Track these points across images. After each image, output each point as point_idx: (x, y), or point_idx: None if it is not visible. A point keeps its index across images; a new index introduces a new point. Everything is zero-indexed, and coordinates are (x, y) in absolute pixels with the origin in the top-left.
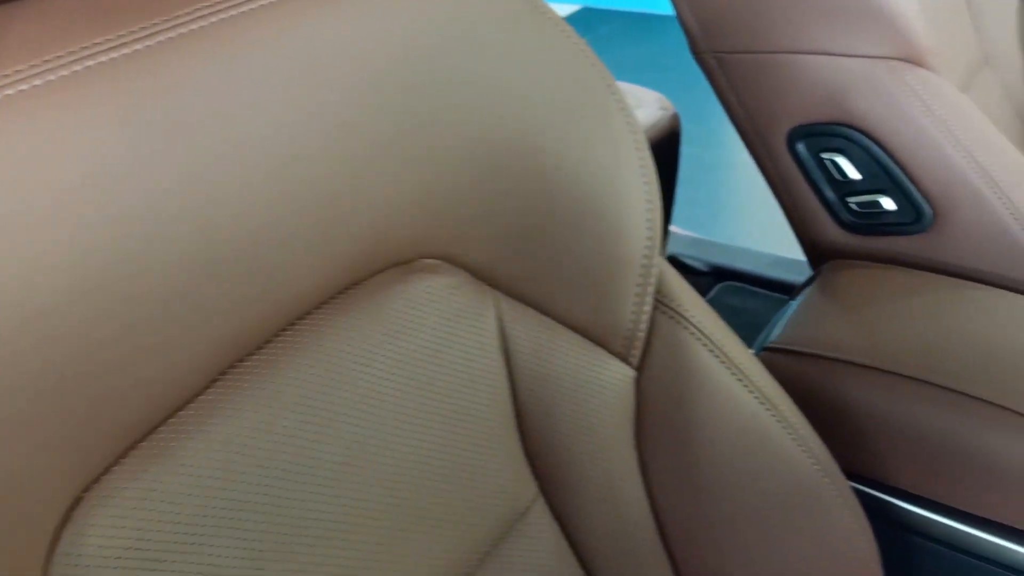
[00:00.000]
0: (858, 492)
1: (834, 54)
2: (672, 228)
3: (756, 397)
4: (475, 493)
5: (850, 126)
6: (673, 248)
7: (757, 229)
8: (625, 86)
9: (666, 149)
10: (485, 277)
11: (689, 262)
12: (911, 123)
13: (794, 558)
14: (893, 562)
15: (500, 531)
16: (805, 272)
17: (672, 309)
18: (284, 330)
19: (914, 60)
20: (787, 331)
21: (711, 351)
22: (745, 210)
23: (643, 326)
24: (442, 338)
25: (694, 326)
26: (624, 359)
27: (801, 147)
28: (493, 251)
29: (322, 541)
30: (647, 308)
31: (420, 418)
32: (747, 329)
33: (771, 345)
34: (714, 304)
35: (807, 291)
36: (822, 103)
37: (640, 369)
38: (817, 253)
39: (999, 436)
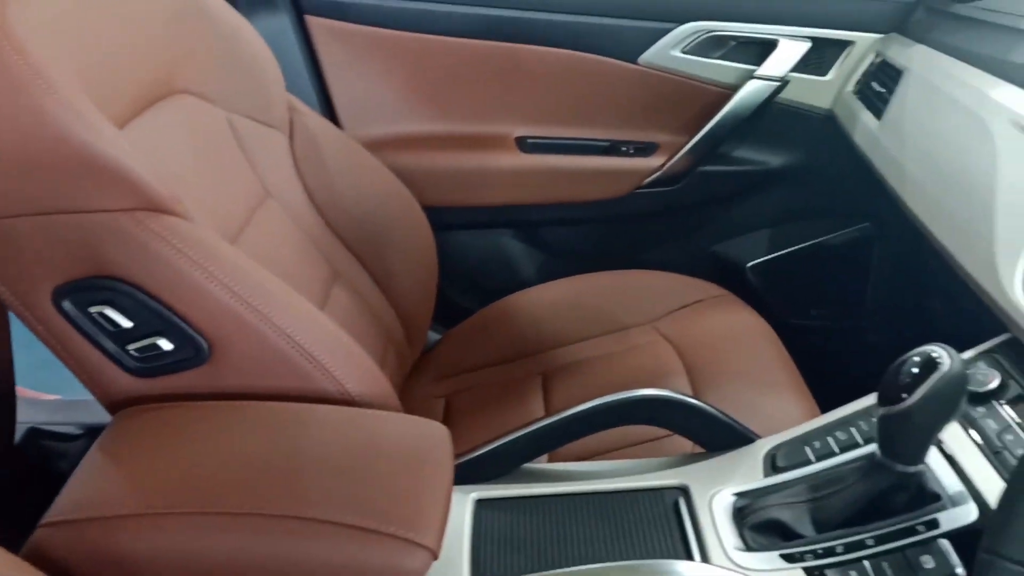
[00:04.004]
0: None
1: (74, 211)
2: (28, 393)
3: None
4: None
5: (110, 277)
6: (33, 416)
7: None
8: None
9: None
10: None
11: (58, 429)
12: (167, 267)
13: None
14: None
15: None
16: None
17: None
18: None
19: (159, 209)
20: (62, 500)
21: None
22: None
23: None
24: None
25: None
26: None
27: (68, 305)
28: None
29: None
30: None
31: None
32: None
33: (45, 521)
34: None
35: (89, 452)
36: (76, 260)
37: None
38: (114, 405)
39: (270, 544)
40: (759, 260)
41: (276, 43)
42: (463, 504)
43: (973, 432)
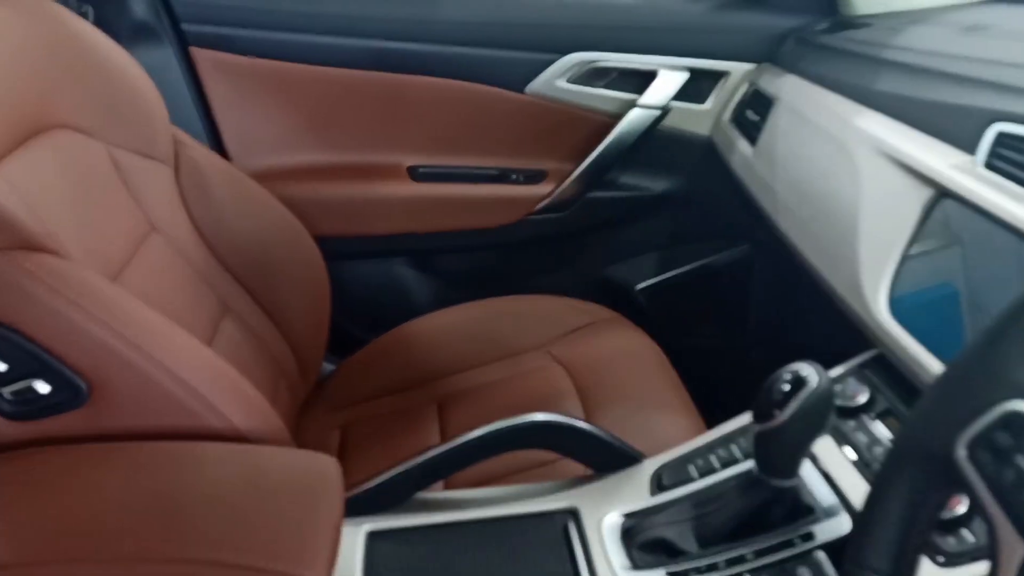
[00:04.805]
0: None
1: None
2: None
3: None
4: None
5: None
6: None
7: None
8: None
9: None
10: None
11: None
12: (42, 307)
13: None
14: None
15: None
16: None
17: None
18: None
19: (33, 247)
20: None
21: None
22: None
23: None
24: None
25: None
26: None
27: None
28: None
29: None
30: None
31: None
32: None
33: None
34: None
35: None
36: None
37: None
38: None
39: None
40: (647, 283)
41: (160, 75)
42: (355, 537)
43: (844, 445)
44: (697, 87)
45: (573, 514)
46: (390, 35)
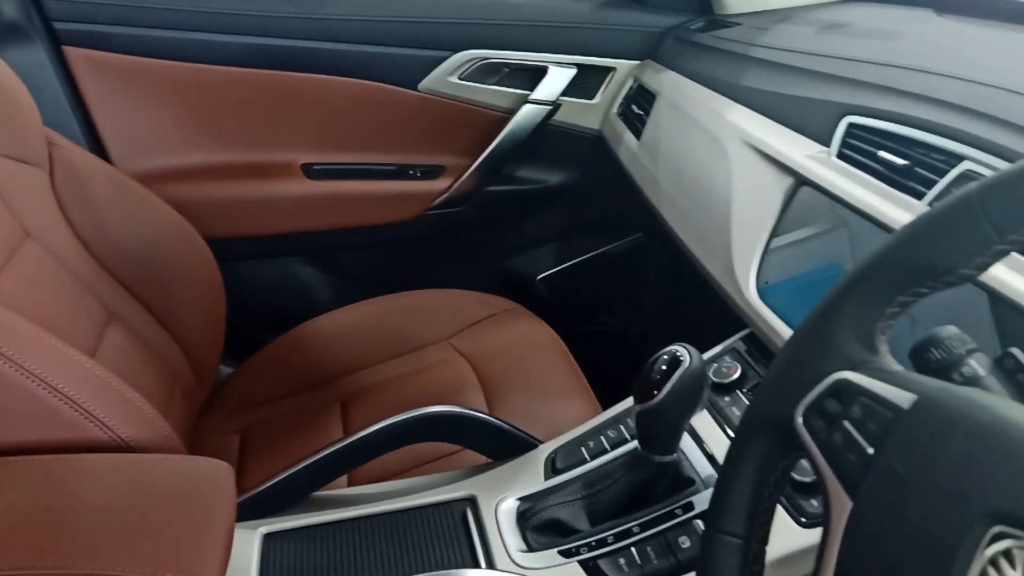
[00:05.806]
0: None
1: None
2: None
3: None
4: None
5: None
6: None
7: None
8: None
9: None
10: None
11: None
12: None
13: None
14: None
15: None
16: None
17: None
18: None
19: None
20: None
21: None
22: None
23: None
24: None
25: None
26: None
27: None
28: None
29: None
30: None
31: None
32: None
33: None
34: None
35: None
36: None
37: None
38: None
39: None
40: (547, 273)
41: (33, 76)
42: (250, 540)
43: (721, 420)
44: (586, 83)
45: (471, 501)
46: (277, 32)
